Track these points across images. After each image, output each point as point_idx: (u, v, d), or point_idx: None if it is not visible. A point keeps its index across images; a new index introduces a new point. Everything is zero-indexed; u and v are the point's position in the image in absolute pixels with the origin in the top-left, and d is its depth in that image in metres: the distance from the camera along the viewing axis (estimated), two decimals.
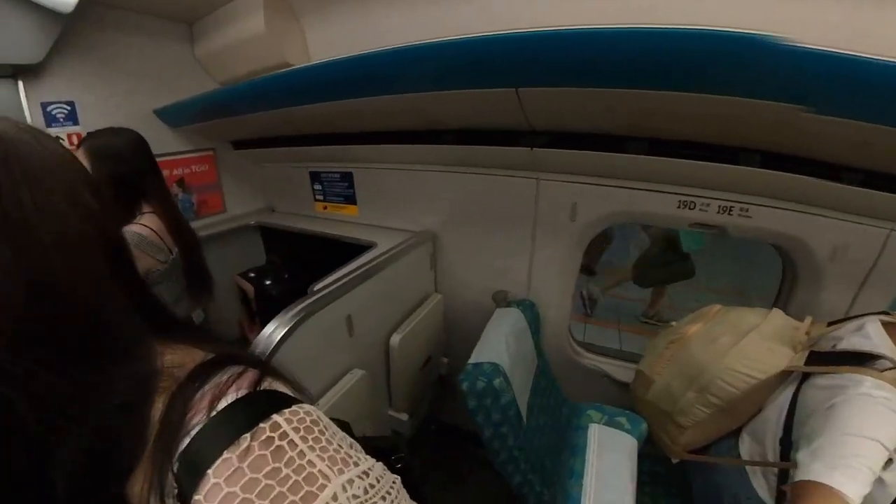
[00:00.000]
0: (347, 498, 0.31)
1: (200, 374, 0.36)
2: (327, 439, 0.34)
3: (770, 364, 0.97)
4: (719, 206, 1.22)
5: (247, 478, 0.29)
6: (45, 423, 0.31)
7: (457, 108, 1.23)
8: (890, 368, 0.79)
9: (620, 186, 1.31)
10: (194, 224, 1.87)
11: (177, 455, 0.31)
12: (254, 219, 2.05)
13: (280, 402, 0.35)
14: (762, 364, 0.98)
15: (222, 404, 0.33)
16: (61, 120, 1.44)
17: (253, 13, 1.40)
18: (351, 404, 1.19)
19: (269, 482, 0.29)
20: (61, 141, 1.44)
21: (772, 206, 1.17)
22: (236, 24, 1.48)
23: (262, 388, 0.36)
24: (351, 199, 1.83)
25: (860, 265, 1.16)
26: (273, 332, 1.01)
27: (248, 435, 0.31)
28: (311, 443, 0.32)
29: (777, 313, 1.09)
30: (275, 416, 0.33)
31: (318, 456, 0.32)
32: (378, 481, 0.34)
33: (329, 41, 1.46)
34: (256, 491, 0.29)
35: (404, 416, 1.49)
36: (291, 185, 2.01)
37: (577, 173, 1.35)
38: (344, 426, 0.42)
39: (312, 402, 0.39)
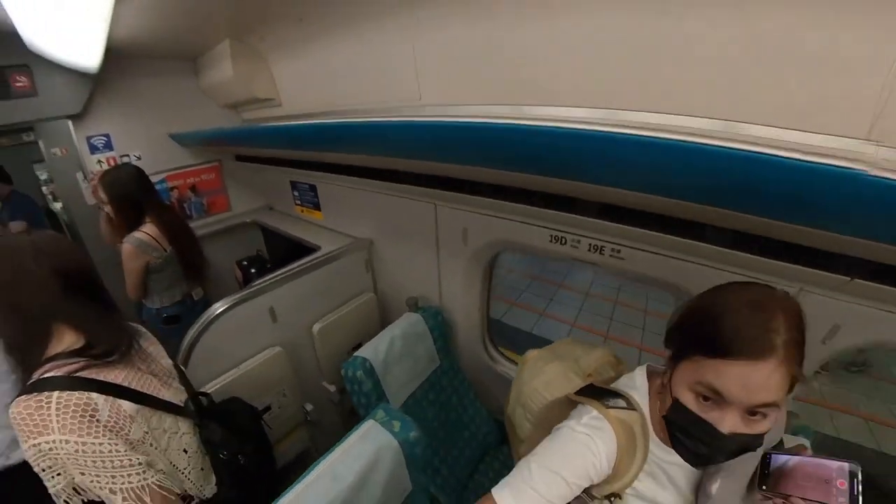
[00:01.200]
0: (64, 449, 0.72)
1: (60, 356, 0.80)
2: (78, 414, 0.75)
3: (561, 389, 1.01)
4: (590, 245, 1.25)
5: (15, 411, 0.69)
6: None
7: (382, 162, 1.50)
8: (621, 408, 0.81)
9: (501, 217, 1.43)
10: (205, 221, 2.41)
11: None
12: (252, 217, 2.55)
13: (67, 385, 0.75)
14: (554, 388, 1.02)
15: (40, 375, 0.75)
16: (101, 147, 2.02)
17: (223, 61, 1.77)
18: (264, 372, 1.60)
19: (24, 418, 0.70)
20: (101, 165, 2.00)
21: (645, 251, 1.14)
22: (215, 68, 1.87)
23: (73, 375, 0.78)
24: (317, 206, 2.21)
25: None
26: (210, 312, 1.47)
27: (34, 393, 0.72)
28: (61, 411, 0.72)
29: (603, 350, 1.13)
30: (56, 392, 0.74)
31: (58, 419, 0.70)
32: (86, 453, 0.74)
33: (291, 76, 1.76)
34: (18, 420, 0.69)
35: (332, 388, 1.85)
36: (281, 190, 2.44)
37: (465, 203, 1.51)
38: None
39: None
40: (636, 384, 0.85)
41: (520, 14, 0.90)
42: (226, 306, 1.50)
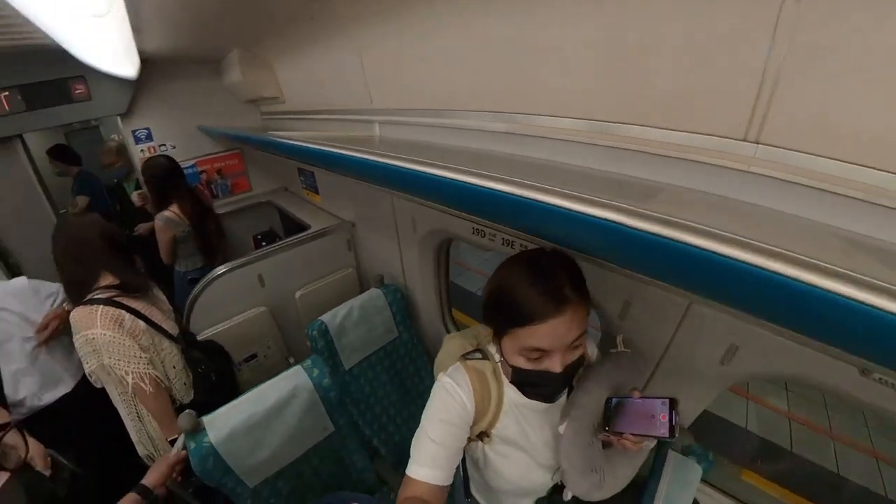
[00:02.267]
0: (101, 339, 1.21)
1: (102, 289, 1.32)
2: (112, 320, 1.25)
3: (457, 356, 1.07)
4: (503, 240, 1.37)
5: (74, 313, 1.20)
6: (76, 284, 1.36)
7: None
8: (476, 359, 0.96)
9: (439, 210, 1.61)
10: (229, 199, 2.85)
11: None
12: (268, 197, 2.97)
13: (106, 303, 1.25)
14: (453, 358, 1.07)
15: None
16: (143, 139, 2.52)
17: (234, 66, 2.12)
18: (251, 326, 1.99)
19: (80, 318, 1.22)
20: (143, 153, 2.47)
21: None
22: (229, 72, 2.23)
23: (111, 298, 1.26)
24: (316, 190, 2.54)
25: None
26: (211, 275, 1.86)
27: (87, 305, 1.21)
28: (102, 316, 1.22)
29: None
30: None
31: (100, 321, 1.23)
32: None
33: (293, 77, 2.06)
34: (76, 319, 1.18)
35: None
36: (292, 174, 2.80)
37: (412, 198, 1.70)
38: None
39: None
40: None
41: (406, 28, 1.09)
42: (223, 271, 1.89)
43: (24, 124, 2.24)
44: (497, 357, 0.95)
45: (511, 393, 0.93)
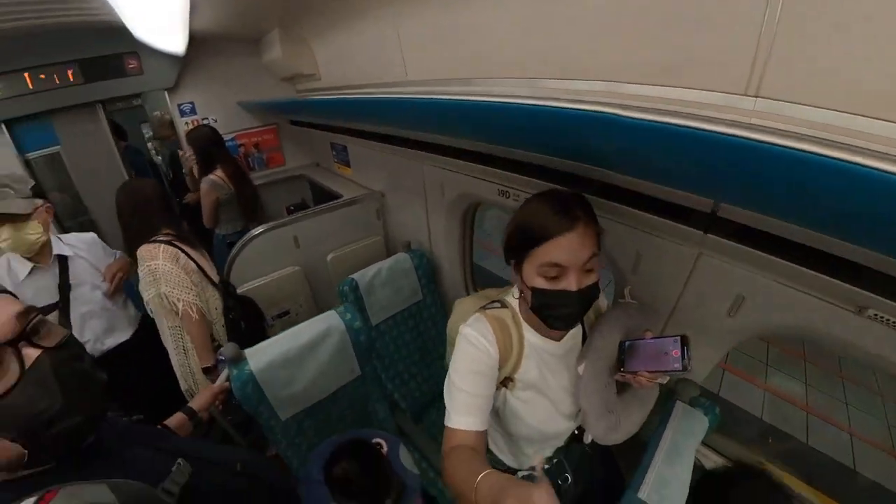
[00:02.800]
0: (161, 269, 1.44)
1: (160, 236, 1.52)
2: (171, 255, 1.48)
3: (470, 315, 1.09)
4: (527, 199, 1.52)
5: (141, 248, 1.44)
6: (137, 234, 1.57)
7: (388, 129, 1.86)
8: (495, 308, 0.99)
9: (466, 174, 1.69)
10: (265, 172, 3.02)
11: None
12: (301, 171, 3.12)
13: (167, 243, 1.49)
14: (466, 316, 1.08)
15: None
16: (188, 112, 2.70)
17: (274, 44, 2.24)
18: (285, 284, 2.12)
19: (145, 253, 1.45)
20: (187, 125, 2.65)
21: None
22: (269, 50, 2.36)
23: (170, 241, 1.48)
24: (347, 163, 2.65)
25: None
26: (250, 234, 1.99)
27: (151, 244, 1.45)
28: (162, 251, 1.45)
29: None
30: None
31: (162, 255, 1.46)
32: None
33: (329, 53, 2.15)
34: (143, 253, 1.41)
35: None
36: (324, 149, 2.93)
37: (442, 163, 1.78)
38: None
39: None
40: (511, 294, 1.04)
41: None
42: (261, 230, 2.02)
43: (82, 96, 2.43)
44: (514, 302, 1.00)
45: (531, 336, 0.97)
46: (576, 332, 1.04)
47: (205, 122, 2.75)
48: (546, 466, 1.13)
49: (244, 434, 1.59)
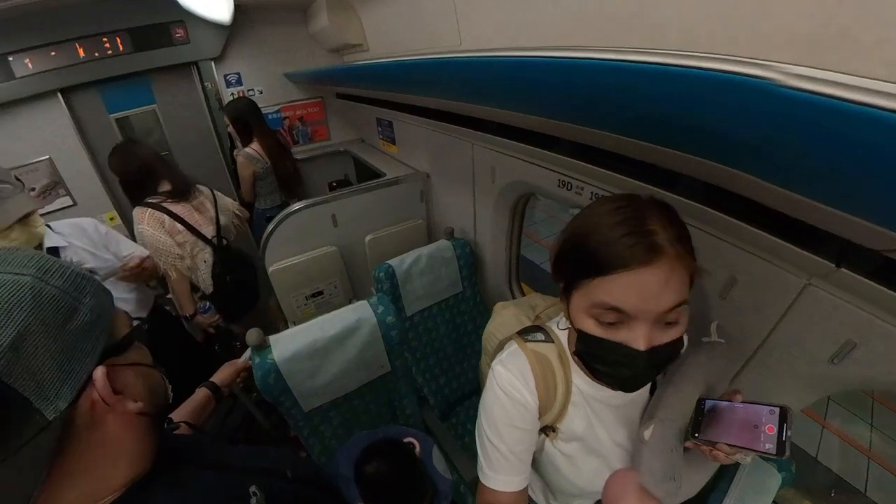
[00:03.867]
0: (147, 233, 1.47)
1: (158, 195, 1.70)
2: (156, 220, 1.49)
3: (511, 330, 0.97)
4: (592, 194, 1.23)
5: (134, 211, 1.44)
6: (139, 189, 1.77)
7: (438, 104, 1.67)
8: (538, 341, 0.81)
9: (521, 159, 1.51)
10: (309, 146, 2.95)
11: None
12: (345, 146, 3.01)
13: (155, 207, 1.53)
14: (506, 330, 1.03)
15: (146, 201, 1.49)
16: (233, 83, 2.65)
17: (322, 12, 2.11)
18: (321, 263, 2.03)
19: (137, 216, 1.48)
20: (233, 96, 2.58)
21: None
22: (317, 18, 2.23)
23: (159, 204, 1.45)
24: (393, 141, 2.51)
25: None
26: (288, 210, 1.91)
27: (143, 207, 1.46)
28: (148, 217, 1.49)
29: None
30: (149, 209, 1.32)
31: (147, 220, 1.55)
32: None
33: (378, 22, 2.00)
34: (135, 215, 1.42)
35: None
36: (369, 125, 2.80)
37: (494, 144, 1.61)
38: None
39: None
40: (561, 320, 0.83)
41: None
42: (299, 207, 1.93)
43: (132, 65, 2.43)
44: (563, 334, 0.80)
45: (580, 382, 0.78)
46: None
47: (250, 93, 2.70)
48: None
49: (266, 414, 1.54)
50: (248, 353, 1.30)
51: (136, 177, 1.76)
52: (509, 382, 0.76)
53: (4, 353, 0.37)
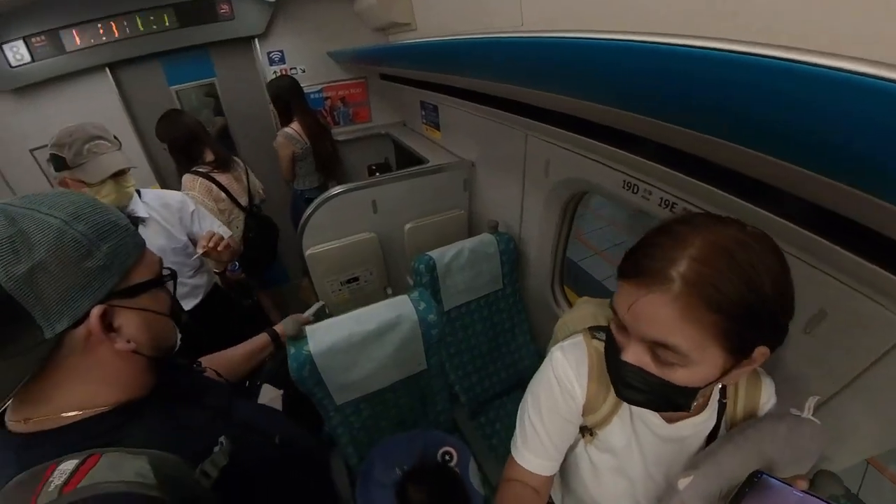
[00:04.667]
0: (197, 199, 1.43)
1: (203, 164, 1.86)
2: (205, 187, 1.65)
3: (586, 324, 0.95)
4: (661, 199, 1.11)
5: (184, 177, 1.30)
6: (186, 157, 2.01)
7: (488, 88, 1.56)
8: (598, 339, 0.79)
9: (580, 154, 1.38)
10: (350, 128, 2.89)
11: None
12: (386, 129, 2.92)
13: (203, 176, 1.71)
14: (581, 323, 0.99)
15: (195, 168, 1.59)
16: (277, 61, 2.61)
17: None
18: (358, 249, 1.98)
19: (185, 182, 1.43)
20: (275, 74, 2.53)
21: None
22: None
23: (206, 173, 1.58)
24: (437, 126, 2.40)
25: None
26: (328, 193, 1.86)
27: (192, 175, 1.56)
28: (198, 183, 1.35)
29: None
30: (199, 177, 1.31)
31: (198, 186, 1.77)
32: None
33: (423, 2, 1.91)
34: (185, 181, 1.37)
35: (412, 281, 2.13)
36: (413, 109, 2.70)
37: (551, 135, 1.48)
38: None
39: None
40: None
41: None
42: (339, 191, 1.87)
43: (175, 41, 2.42)
44: None
45: None
46: (704, 420, 0.73)
47: (293, 71, 2.66)
48: None
49: None
50: (312, 308, 1.38)
51: (183, 143, 1.95)
52: (563, 370, 0.76)
53: (20, 280, 0.47)
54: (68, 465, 0.48)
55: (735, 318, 0.50)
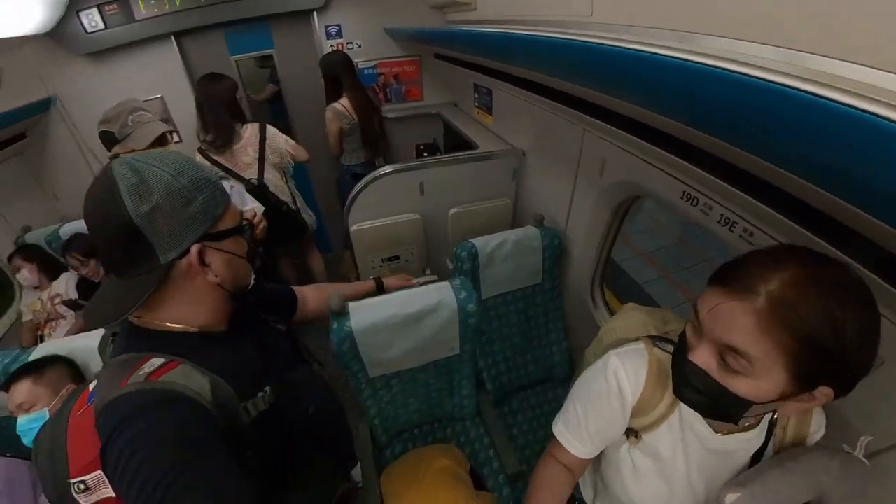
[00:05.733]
0: None
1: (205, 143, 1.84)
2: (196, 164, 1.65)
3: (635, 333, 0.97)
4: (722, 216, 1.05)
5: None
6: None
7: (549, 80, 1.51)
8: (667, 350, 0.80)
9: (640, 157, 1.31)
10: (401, 105, 2.90)
11: None
12: (437, 109, 2.91)
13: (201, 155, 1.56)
14: (629, 331, 1.00)
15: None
16: (333, 35, 2.62)
17: None
18: (402, 229, 2.01)
19: None
20: (331, 48, 2.57)
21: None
22: None
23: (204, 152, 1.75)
24: (489, 111, 2.36)
25: None
26: (377, 172, 1.89)
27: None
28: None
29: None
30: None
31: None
32: None
33: None
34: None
35: (451, 266, 2.14)
36: (465, 91, 2.65)
37: (610, 134, 1.41)
38: None
39: None
40: None
41: None
42: (389, 170, 1.90)
43: (237, 12, 2.47)
44: None
45: (689, 412, 0.74)
46: (752, 437, 0.74)
47: (349, 46, 2.68)
48: None
49: None
50: (422, 279, 1.52)
51: (200, 108, 2.07)
52: (617, 375, 0.79)
53: (144, 217, 0.61)
54: (157, 361, 0.63)
55: (806, 347, 0.51)
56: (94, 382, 0.70)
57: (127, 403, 0.58)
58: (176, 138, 1.59)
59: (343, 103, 2.40)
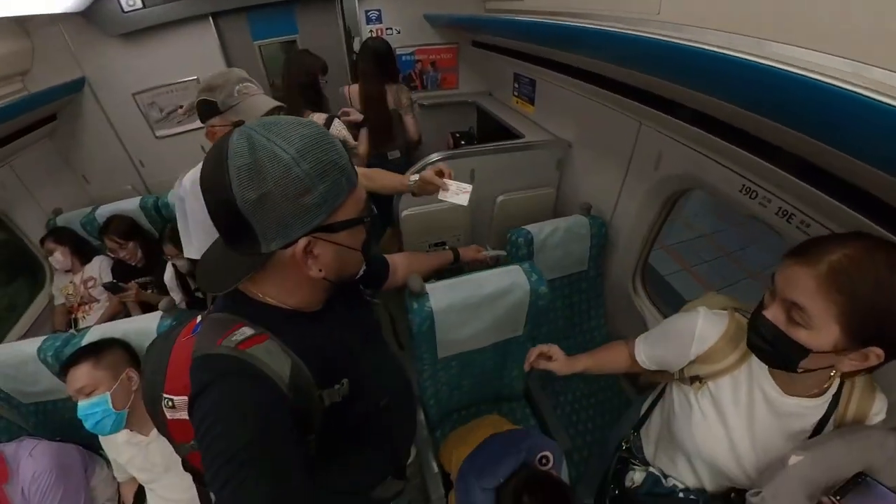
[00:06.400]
0: None
1: None
2: None
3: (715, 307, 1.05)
4: (780, 209, 1.09)
5: None
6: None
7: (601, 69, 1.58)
8: (741, 314, 0.92)
9: (698, 151, 1.32)
10: (436, 93, 2.93)
11: None
12: (472, 98, 2.94)
13: None
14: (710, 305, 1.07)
15: None
16: (374, 19, 2.62)
17: None
18: (449, 215, 2.05)
19: None
20: (371, 34, 2.57)
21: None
22: None
23: None
24: (531, 100, 2.39)
25: None
26: (428, 160, 1.91)
27: None
28: None
29: None
30: None
31: None
32: None
33: None
34: None
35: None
36: (502, 80, 2.68)
37: (667, 126, 1.43)
38: None
39: None
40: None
41: None
42: (439, 157, 1.92)
43: None
44: None
45: (756, 366, 0.85)
46: (815, 405, 0.82)
47: (388, 31, 2.67)
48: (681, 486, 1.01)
49: None
50: (492, 252, 1.54)
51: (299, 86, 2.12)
52: (696, 323, 0.93)
53: (251, 203, 0.56)
54: (247, 331, 0.64)
55: (857, 305, 0.62)
56: (200, 316, 0.76)
57: (217, 365, 0.61)
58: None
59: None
